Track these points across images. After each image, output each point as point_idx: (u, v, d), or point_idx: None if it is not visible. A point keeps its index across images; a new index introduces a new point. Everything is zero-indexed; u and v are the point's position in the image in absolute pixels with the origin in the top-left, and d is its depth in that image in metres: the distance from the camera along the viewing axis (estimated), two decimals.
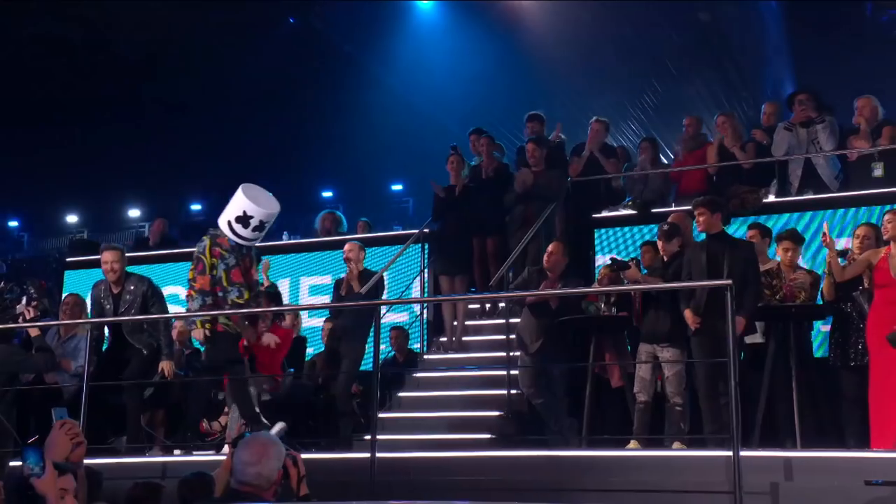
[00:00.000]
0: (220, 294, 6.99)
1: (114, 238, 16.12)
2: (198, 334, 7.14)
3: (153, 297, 7.61)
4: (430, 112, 14.84)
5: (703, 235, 7.19)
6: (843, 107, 9.47)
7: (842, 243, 7.62)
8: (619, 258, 7.79)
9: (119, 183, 18.27)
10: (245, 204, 6.93)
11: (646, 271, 7.56)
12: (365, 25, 15.85)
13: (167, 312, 7.92)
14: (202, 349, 7.60)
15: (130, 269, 7.88)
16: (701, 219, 7.04)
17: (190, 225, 16.47)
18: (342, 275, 8.88)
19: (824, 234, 6.70)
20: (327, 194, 19.79)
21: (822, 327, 7.61)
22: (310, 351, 9.40)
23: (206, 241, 7.04)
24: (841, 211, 8.52)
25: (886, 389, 6.32)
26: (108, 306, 7.57)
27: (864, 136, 8.89)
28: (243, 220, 6.90)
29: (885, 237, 6.61)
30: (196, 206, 19.02)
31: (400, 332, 9.15)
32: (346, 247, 8.83)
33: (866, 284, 6.70)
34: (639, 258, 7.79)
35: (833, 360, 7.02)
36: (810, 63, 14.59)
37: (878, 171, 8.68)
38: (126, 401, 7.46)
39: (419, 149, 12.61)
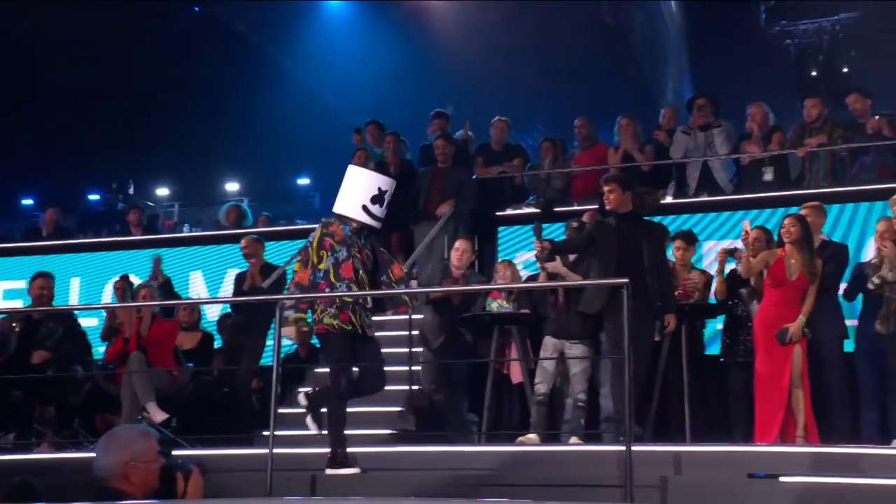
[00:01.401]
0: (328, 290, 6.25)
1: (5, 228, 15.56)
2: (289, 332, 6.59)
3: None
4: (337, 107, 14.77)
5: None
6: (738, 112, 9.75)
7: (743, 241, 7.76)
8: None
9: (14, 172, 17.69)
10: (378, 179, 6.27)
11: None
12: (272, 17, 15.68)
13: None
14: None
15: (21, 259, 7.66)
16: (612, 196, 6.79)
17: (88, 216, 16.09)
18: (245, 269, 8.78)
19: (746, 231, 6.76)
20: (232, 187, 19.52)
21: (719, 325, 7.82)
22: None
23: (318, 229, 6.27)
24: (734, 213, 8.75)
25: (771, 386, 6.54)
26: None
27: (756, 142, 9.21)
28: (379, 197, 6.16)
29: (786, 240, 6.74)
30: (94, 197, 18.54)
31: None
32: (243, 242, 8.75)
33: (753, 283, 6.90)
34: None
35: (724, 357, 7.22)
36: (708, 69, 15.03)
37: (768, 176, 9.00)
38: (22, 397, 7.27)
39: (326, 144, 12.53)
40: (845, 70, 15.36)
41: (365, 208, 6.11)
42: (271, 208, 15.85)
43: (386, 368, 8.28)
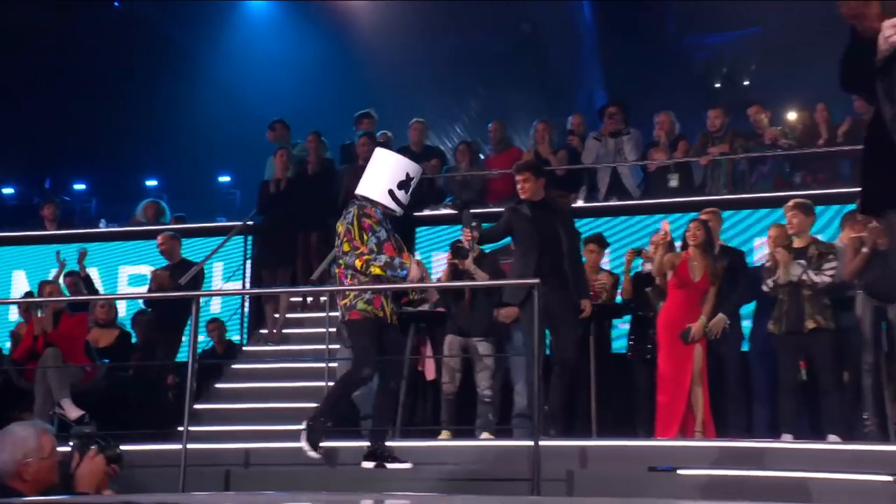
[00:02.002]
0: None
1: None
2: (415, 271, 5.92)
3: None
4: (259, 106, 14.57)
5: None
6: (647, 120, 9.96)
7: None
8: (461, 245, 7.38)
9: None
10: (406, 165, 6.06)
11: None
12: (194, 15, 15.43)
13: None
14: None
15: None
16: (526, 185, 6.68)
17: (1, 210, 15.66)
18: (162, 265, 8.68)
19: (665, 232, 6.91)
20: (151, 183, 19.15)
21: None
22: None
23: (354, 210, 5.94)
24: (642, 217, 8.94)
25: (673, 383, 6.71)
26: None
27: (663, 149, 9.44)
28: (405, 183, 5.95)
29: (691, 243, 6.89)
30: (8, 191, 17.99)
31: (218, 324, 9.00)
32: (159, 238, 8.67)
33: (657, 282, 7.07)
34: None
35: (630, 355, 7.39)
36: (620, 78, 15.30)
37: (674, 182, 9.24)
38: None
39: (247, 142, 12.38)
40: (746, 83, 15.82)
41: (391, 193, 5.92)
42: (191, 205, 15.64)
43: (304, 365, 8.38)
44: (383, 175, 5.98)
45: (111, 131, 16.28)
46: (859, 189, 3.13)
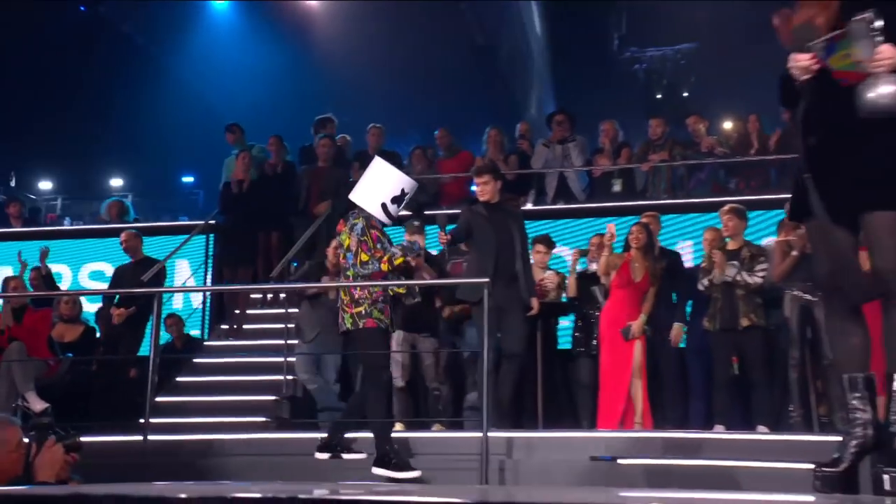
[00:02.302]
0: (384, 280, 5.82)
1: None
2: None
3: None
4: (222, 108, 14.46)
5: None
6: (592, 128, 10.04)
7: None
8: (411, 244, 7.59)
9: None
10: (403, 181, 5.82)
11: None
12: (159, 19, 15.23)
13: None
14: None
15: None
16: (486, 187, 6.68)
17: None
18: (125, 262, 8.56)
19: (612, 234, 6.93)
20: (116, 182, 18.90)
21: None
22: None
23: (362, 222, 5.75)
24: (586, 220, 9.01)
25: (614, 377, 6.77)
26: None
27: (607, 156, 9.52)
28: (399, 198, 5.75)
29: (634, 246, 6.96)
30: None
31: (176, 319, 8.88)
32: (123, 236, 8.56)
33: (603, 281, 7.12)
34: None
35: (574, 350, 7.43)
36: (568, 88, 15.42)
37: (617, 187, 9.33)
38: None
39: (210, 143, 12.26)
40: (685, 94, 16.04)
41: (384, 206, 5.73)
42: (155, 204, 15.47)
43: (263, 359, 8.31)
44: (379, 187, 5.77)
45: (77, 131, 16.04)
46: (789, 196, 3.17)
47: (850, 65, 2.86)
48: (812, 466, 3.01)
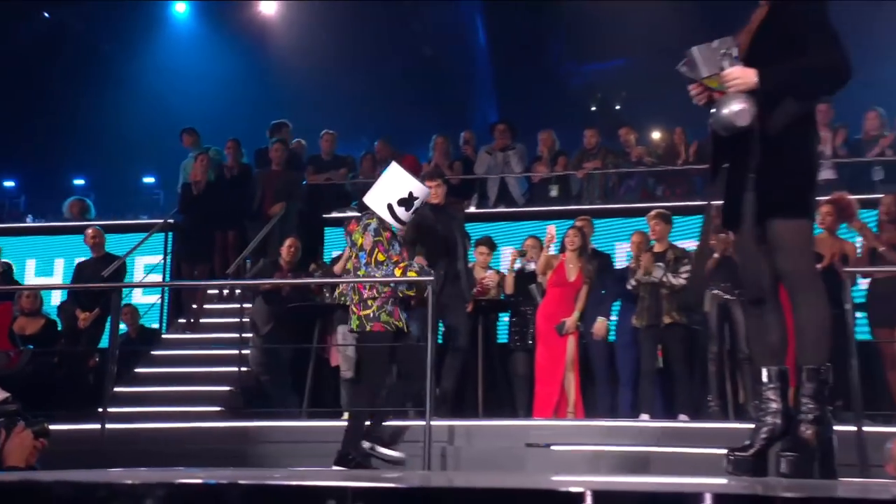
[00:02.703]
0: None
1: None
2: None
3: None
4: (182, 112, 14.24)
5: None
6: (532, 137, 10.09)
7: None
8: None
9: None
10: (411, 185, 5.50)
11: None
12: (121, 26, 14.95)
13: None
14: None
15: None
16: (439, 190, 6.71)
17: None
18: (86, 257, 8.40)
19: (552, 235, 6.94)
20: (79, 182, 18.54)
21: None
22: None
23: (375, 222, 5.50)
24: (526, 223, 9.05)
25: (549, 370, 6.82)
26: None
27: (545, 163, 9.59)
28: (407, 202, 5.45)
29: (569, 248, 7.01)
30: None
31: (130, 309, 8.72)
32: (90, 232, 8.39)
33: (540, 280, 7.16)
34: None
35: (512, 344, 7.46)
36: (510, 99, 15.51)
37: (554, 192, 9.40)
38: None
39: (171, 145, 12.05)
40: (618, 107, 16.23)
41: (390, 207, 5.43)
42: (117, 203, 15.18)
43: (218, 352, 8.20)
44: (388, 190, 5.49)
45: (41, 132, 15.68)
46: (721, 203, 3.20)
47: (719, 85, 2.93)
48: (724, 451, 3.06)
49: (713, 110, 2.91)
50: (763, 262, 3.06)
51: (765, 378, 3.02)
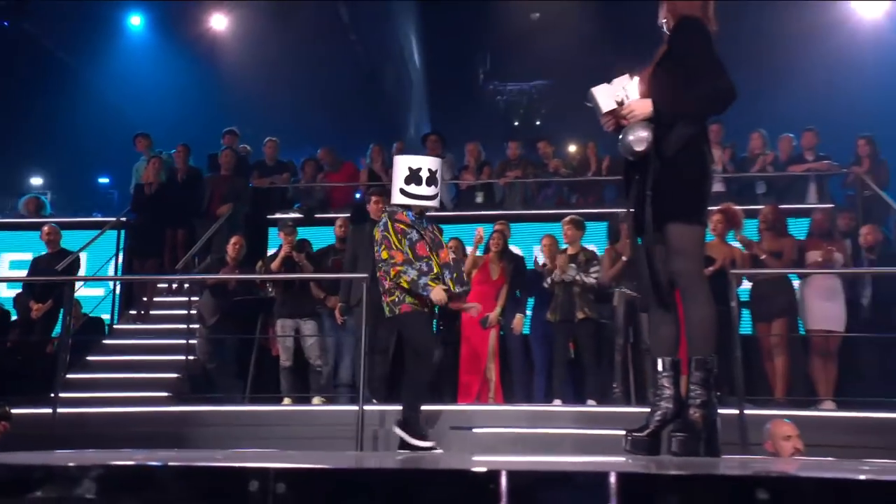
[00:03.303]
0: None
1: None
2: (438, 293, 5.04)
3: None
4: (136, 118, 13.87)
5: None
6: (460, 148, 10.12)
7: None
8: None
9: None
10: (408, 160, 5.17)
11: None
12: (79, 36, 14.48)
13: None
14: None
15: None
16: (377, 206, 6.79)
17: None
18: (41, 252, 8.11)
19: (480, 237, 6.90)
20: (36, 181, 17.94)
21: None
22: None
23: (385, 218, 5.19)
24: (454, 226, 9.06)
25: (472, 360, 6.85)
26: None
27: (471, 172, 9.63)
28: (413, 176, 5.06)
29: (493, 250, 7.09)
30: None
31: (75, 303, 8.44)
32: (46, 229, 8.12)
33: (466, 278, 7.16)
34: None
35: (439, 336, 7.45)
36: (441, 112, 15.54)
37: (479, 199, 9.46)
38: None
39: (125, 148, 11.74)
40: (538, 122, 16.41)
41: (403, 191, 5.10)
42: (73, 202, 14.72)
43: (167, 341, 8.01)
44: (394, 179, 5.18)
45: (1, 136, 15.10)
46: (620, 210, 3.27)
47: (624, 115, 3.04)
48: (626, 432, 3.11)
49: (623, 138, 2.99)
50: (660, 265, 3.13)
51: (660, 368, 3.08)
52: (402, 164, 5.15)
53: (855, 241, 7.46)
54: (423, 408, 5.26)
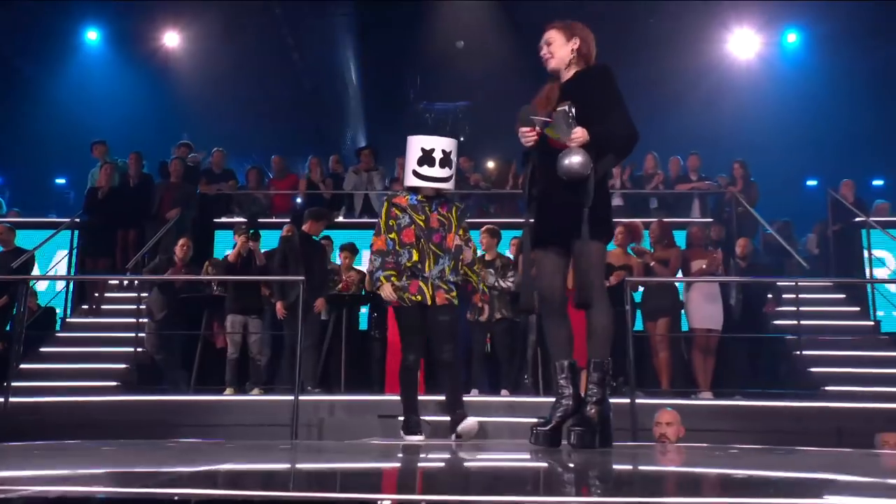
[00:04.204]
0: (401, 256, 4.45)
1: None
2: (386, 291, 4.46)
3: None
4: (93, 124, 13.33)
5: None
6: (392, 161, 10.04)
7: None
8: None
9: None
10: (421, 141, 4.44)
11: None
12: (40, 49, 13.84)
13: None
14: None
15: None
16: (314, 226, 6.80)
17: None
18: None
19: None
20: None
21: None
22: None
23: (385, 203, 4.58)
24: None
25: (399, 353, 6.75)
26: None
27: (401, 183, 9.53)
28: (426, 158, 4.37)
29: None
30: None
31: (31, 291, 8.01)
32: None
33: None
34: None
35: (370, 331, 7.39)
36: (375, 127, 15.41)
37: None
38: None
39: (81, 152, 11.24)
40: (462, 139, 16.45)
41: (415, 173, 4.41)
42: (31, 202, 14.06)
43: (117, 334, 7.68)
44: (407, 160, 4.50)
45: None
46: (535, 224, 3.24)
47: (559, 137, 3.02)
48: (536, 420, 3.12)
49: (563, 160, 2.93)
50: (560, 275, 3.14)
51: (560, 370, 3.09)
52: (415, 144, 4.43)
53: (727, 250, 7.72)
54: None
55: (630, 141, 3.06)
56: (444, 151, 4.40)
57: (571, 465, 2.37)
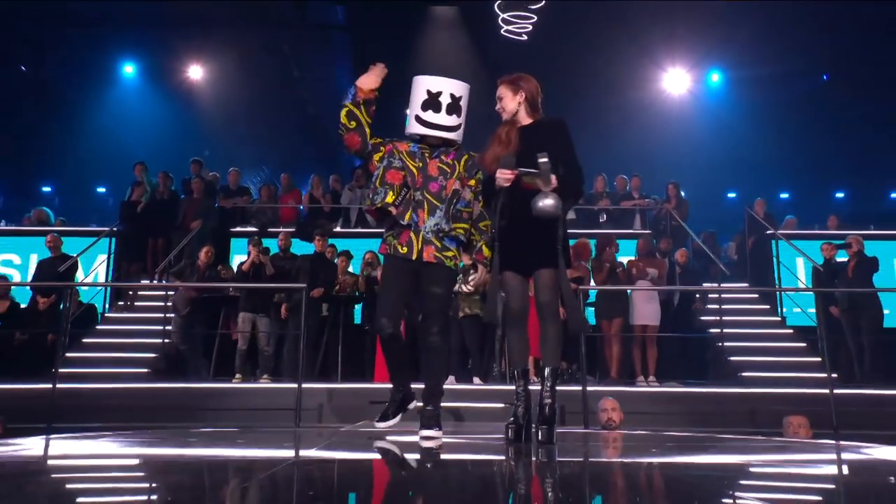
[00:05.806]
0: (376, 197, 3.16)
1: None
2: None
3: None
4: (128, 144, 13.14)
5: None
6: None
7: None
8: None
9: None
10: (427, 81, 3.15)
11: None
12: (84, 80, 13.64)
13: None
14: None
15: None
16: (324, 242, 6.75)
17: None
18: (46, 256, 7.52)
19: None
20: (47, 189, 16.76)
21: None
22: None
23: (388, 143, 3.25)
24: (372, 239, 8.87)
25: None
26: None
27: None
28: (432, 101, 3.13)
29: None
30: None
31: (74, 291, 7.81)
32: (49, 237, 7.57)
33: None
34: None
35: (365, 326, 7.29)
36: None
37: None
38: None
39: (120, 166, 11.06)
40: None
41: (418, 118, 3.13)
42: (76, 208, 13.88)
43: (148, 327, 7.53)
44: (411, 103, 3.19)
45: (23, 155, 14.14)
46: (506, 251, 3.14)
47: (533, 182, 2.95)
48: (503, 405, 3.07)
49: (538, 202, 2.87)
50: (524, 294, 3.10)
51: (520, 375, 3.08)
52: (421, 86, 3.16)
53: (669, 258, 7.74)
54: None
55: (582, 186, 3.09)
56: (452, 96, 3.15)
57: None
